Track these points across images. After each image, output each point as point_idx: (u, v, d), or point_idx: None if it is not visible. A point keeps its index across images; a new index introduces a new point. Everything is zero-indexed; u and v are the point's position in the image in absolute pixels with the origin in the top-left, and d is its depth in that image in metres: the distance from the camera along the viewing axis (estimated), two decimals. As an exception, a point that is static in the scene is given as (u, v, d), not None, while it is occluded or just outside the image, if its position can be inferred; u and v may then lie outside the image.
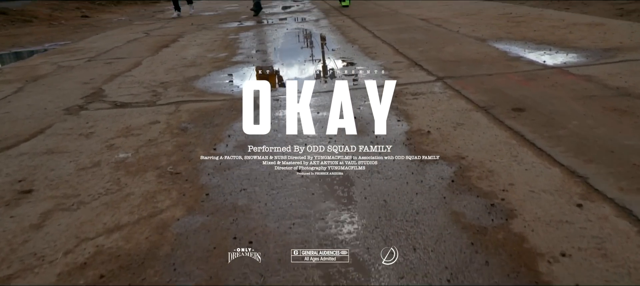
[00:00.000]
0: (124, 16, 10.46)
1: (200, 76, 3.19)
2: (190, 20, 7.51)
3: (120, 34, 6.20)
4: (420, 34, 4.15)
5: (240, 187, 1.47)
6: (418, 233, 1.16)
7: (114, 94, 2.80)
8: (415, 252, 1.09)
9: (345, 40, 4.20)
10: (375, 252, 1.10)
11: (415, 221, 1.21)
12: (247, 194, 1.43)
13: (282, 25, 5.89)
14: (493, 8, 5.65)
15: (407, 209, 1.27)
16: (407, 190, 1.38)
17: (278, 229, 1.22)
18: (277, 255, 1.11)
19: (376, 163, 1.59)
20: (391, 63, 3.11)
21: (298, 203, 1.35)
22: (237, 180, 1.52)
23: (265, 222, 1.26)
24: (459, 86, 2.39)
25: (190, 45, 4.65)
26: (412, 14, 5.70)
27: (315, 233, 1.20)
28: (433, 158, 1.58)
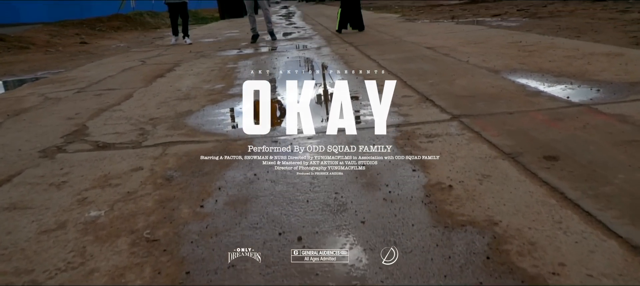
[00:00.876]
0: (123, 43, 10.34)
1: (193, 110, 2.95)
2: (188, 47, 7.35)
3: (115, 62, 6.01)
4: (428, 64, 3.94)
5: (229, 263, 1.21)
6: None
7: (98, 133, 2.56)
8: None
9: (348, 71, 3.99)
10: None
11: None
12: (236, 274, 1.16)
13: (283, 53, 5.70)
14: (501, 36, 5.47)
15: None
16: (433, 271, 1.12)
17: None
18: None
19: (392, 226, 1.33)
20: (400, 98, 2.88)
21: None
22: (225, 251, 1.26)
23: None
24: (479, 127, 2.15)
25: (186, 75, 4.44)
26: (417, 42, 5.52)
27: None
28: (460, 222, 1.33)
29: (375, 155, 1.91)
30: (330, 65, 4.49)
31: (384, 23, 9.40)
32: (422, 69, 3.76)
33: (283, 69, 4.41)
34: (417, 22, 9.16)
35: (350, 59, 4.66)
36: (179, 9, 8.16)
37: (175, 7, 8.18)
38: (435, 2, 20.69)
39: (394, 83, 3.89)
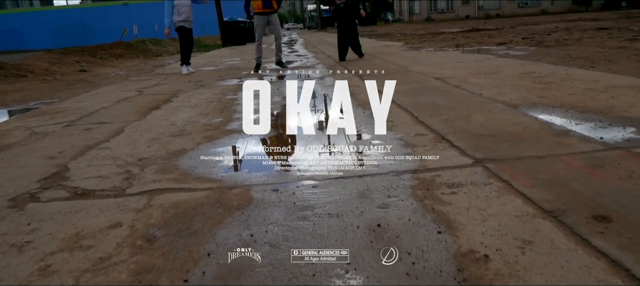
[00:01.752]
0: (122, 71, 10.20)
1: (187, 149, 2.70)
2: (188, 76, 7.16)
3: (112, 92, 5.81)
4: (439, 97, 3.71)
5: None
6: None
7: (79, 176, 2.31)
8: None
9: (354, 104, 3.76)
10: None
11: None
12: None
13: (284, 83, 5.50)
14: (512, 66, 5.26)
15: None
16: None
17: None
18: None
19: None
20: (412, 136, 2.63)
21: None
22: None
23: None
24: (508, 175, 1.88)
25: (182, 107, 4.21)
26: (424, 72, 5.31)
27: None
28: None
29: (391, 209, 1.65)
30: (333, 96, 4.26)
31: (388, 51, 9.26)
32: (434, 102, 3.52)
33: (285, 102, 4.18)
34: (422, 51, 9.01)
35: (355, 91, 4.43)
36: (190, 34, 7.67)
37: (185, 31, 7.59)
38: (437, 30, 20.73)
39: (393, 83, 3.67)
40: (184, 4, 7.35)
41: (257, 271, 1.31)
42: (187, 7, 7.39)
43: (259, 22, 7.10)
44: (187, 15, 7.42)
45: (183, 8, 7.36)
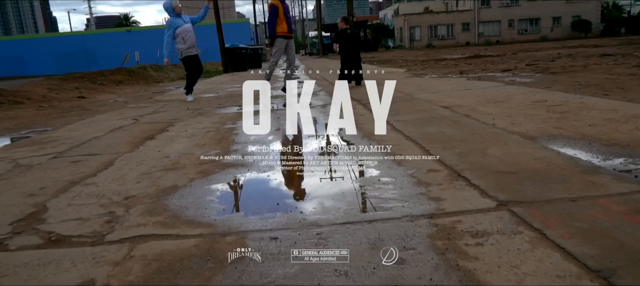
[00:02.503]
0: (121, 97, 10.06)
1: (178, 187, 2.48)
2: (186, 104, 6.99)
3: (107, 120, 5.62)
4: (449, 128, 3.50)
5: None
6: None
7: (56, 218, 2.08)
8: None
9: (360, 135, 3.55)
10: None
11: None
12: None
13: (285, 111, 5.30)
14: (521, 94, 5.07)
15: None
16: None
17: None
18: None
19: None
20: (425, 172, 2.41)
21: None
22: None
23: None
24: (539, 222, 1.65)
25: (178, 137, 4.01)
26: (430, 100, 5.12)
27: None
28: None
29: (409, 266, 1.41)
30: (338, 127, 4.06)
31: (391, 78, 9.10)
32: (444, 134, 3.31)
33: (286, 132, 3.97)
34: (425, 78, 8.87)
35: (360, 120, 4.23)
36: (196, 61, 7.39)
37: (191, 59, 7.32)
38: (438, 57, 20.73)
39: (393, 83, 3.44)
40: (187, 30, 7.18)
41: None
42: (191, 33, 7.22)
43: (281, 44, 7.05)
44: (193, 41, 7.22)
45: (187, 35, 7.14)
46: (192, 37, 7.20)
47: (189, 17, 7.37)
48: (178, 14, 7.12)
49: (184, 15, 7.25)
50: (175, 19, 7.07)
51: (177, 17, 7.10)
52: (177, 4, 7.18)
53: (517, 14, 46.83)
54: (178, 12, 7.13)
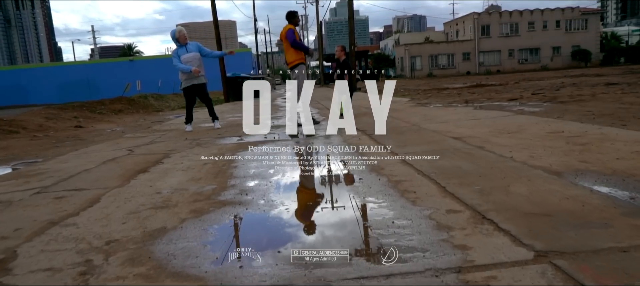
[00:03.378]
0: (119, 126, 9.87)
1: (167, 229, 2.21)
2: (185, 134, 6.77)
3: (101, 151, 5.39)
4: (464, 161, 3.25)
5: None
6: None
7: (24, 268, 1.81)
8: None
9: (368, 169, 3.29)
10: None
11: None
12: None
13: (287, 142, 5.08)
14: (535, 124, 4.84)
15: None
16: None
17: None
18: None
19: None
20: (443, 213, 2.14)
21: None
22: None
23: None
24: (591, 279, 1.38)
25: (173, 171, 3.76)
26: (439, 131, 4.89)
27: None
28: None
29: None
30: (343, 159, 3.81)
31: (394, 107, 8.92)
32: (459, 168, 3.05)
33: (288, 166, 3.72)
34: (430, 107, 8.68)
35: (366, 151, 3.99)
36: (197, 92, 7.22)
37: (192, 90, 7.18)
38: (440, 86, 20.66)
39: (393, 83, 3.17)
40: (188, 60, 7.00)
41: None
42: (193, 62, 7.00)
43: (303, 70, 6.75)
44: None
45: (187, 65, 7.01)
46: (194, 66, 7.03)
47: (197, 45, 7.19)
48: (182, 43, 7.02)
49: (191, 43, 7.13)
50: (179, 48, 7.00)
51: (181, 46, 7.02)
52: (181, 32, 7.06)
53: (517, 43, 47.23)
54: (182, 41, 7.02)
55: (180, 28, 7.15)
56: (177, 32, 7.04)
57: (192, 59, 7.01)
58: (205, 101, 7.39)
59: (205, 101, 7.38)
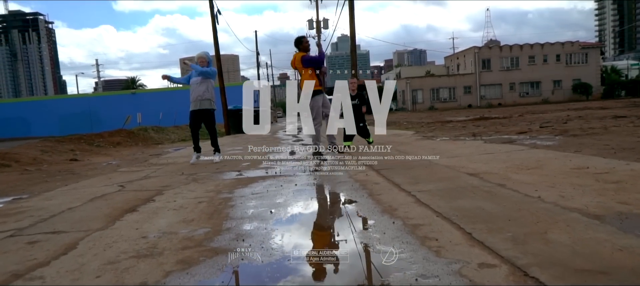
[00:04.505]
0: (116, 160, 9.57)
1: (148, 284, 1.87)
2: (182, 168, 6.46)
3: (91, 186, 5.06)
4: (486, 201, 2.91)
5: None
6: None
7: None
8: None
9: (379, 210, 2.96)
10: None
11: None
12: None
13: (289, 178, 4.75)
14: (554, 159, 4.52)
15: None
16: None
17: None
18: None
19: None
20: (475, 267, 1.81)
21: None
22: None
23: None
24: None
25: (163, 210, 3.42)
26: (452, 166, 4.57)
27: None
28: None
29: None
30: (352, 198, 3.49)
31: (400, 140, 8.64)
32: (483, 209, 2.72)
33: (290, 206, 3.38)
34: (437, 140, 8.39)
35: (375, 190, 3.66)
36: (203, 118, 6.91)
37: (198, 115, 6.85)
38: (443, 119, 20.44)
39: (393, 83, 2.85)
40: (194, 83, 6.78)
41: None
42: (197, 86, 6.75)
43: (319, 102, 6.25)
44: (198, 94, 6.75)
45: (193, 87, 6.79)
46: (198, 90, 6.76)
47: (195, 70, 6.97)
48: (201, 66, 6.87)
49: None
50: (194, 72, 6.85)
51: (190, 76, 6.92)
52: (201, 57, 6.91)
53: (517, 77, 47.42)
54: (200, 64, 6.85)
55: (202, 54, 6.97)
56: (199, 57, 6.91)
57: (198, 82, 6.82)
58: (209, 130, 7.12)
59: (209, 129, 7.11)
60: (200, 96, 6.78)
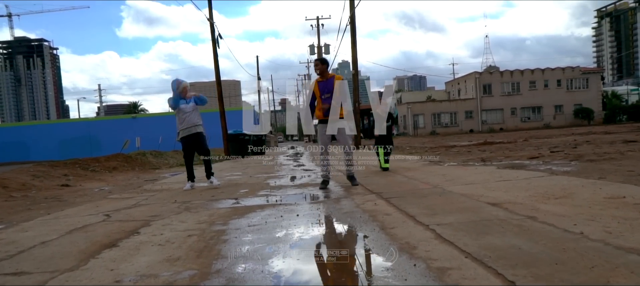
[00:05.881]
0: (109, 185, 9.15)
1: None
2: (175, 194, 6.05)
3: (75, 216, 4.65)
4: (519, 238, 2.50)
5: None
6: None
7: None
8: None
9: (394, 248, 2.54)
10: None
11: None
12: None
13: (290, 207, 4.34)
14: (581, 187, 4.11)
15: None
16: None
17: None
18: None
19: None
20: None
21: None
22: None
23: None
24: None
25: (147, 246, 3.01)
26: (469, 195, 4.16)
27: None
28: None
29: None
30: (362, 232, 3.07)
31: (407, 166, 8.24)
32: (519, 249, 2.30)
33: (291, 242, 2.96)
34: (445, 166, 7.99)
35: (387, 222, 3.25)
36: (195, 141, 6.67)
37: (189, 141, 6.64)
38: (447, 144, 20.06)
39: (393, 83, 2.51)
40: (186, 110, 6.58)
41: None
42: (190, 114, 6.58)
43: (322, 131, 5.84)
44: (191, 121, 6.57)
45: (184, 115, 6.60)
46: (190, 116, 6.60)
47: (194, 98, 6.80)
48: (182, 96, 6.59)
49: (191, 99, 6.72)
50: (178, 99, 6.60)
51: (180, 99, 6.62)
52: (184, 87, 6.63)
53: (519, 102, 47.29)
54: (183, 95, 6.60)
55: (184, 83, 6.69)
56: (179, 86, 6.62)
57: (191, 110, 6.63)
58: (202, 152, 6.84)
59: (202, 151, 6.82)
60: (194, 121, 6.64)
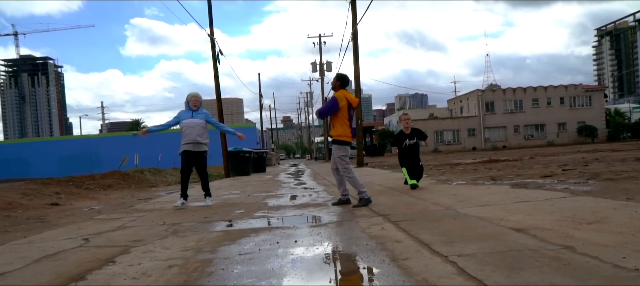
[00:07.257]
0: (100, 204, 8.74)
1: None
2: (166, 215, 5.62)
3: (52, 239, 4.23)
4: (563, 276, 2.07)
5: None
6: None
7: None
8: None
9: (407, 282, 2.11)
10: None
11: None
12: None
13: (288, 232, 3.91)
14: (614, 210, 3.68)
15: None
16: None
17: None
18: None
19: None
20: None
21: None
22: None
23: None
24: None
25: (119, 279, 2.58)
26: (487, 218, 3.73)
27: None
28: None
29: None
30: (368, 265, 2.65)
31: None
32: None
33: (286, 277, 2.53)
34: (453, 185, 7.57)
35: (398, 252, 2.82)
36: (195, 160, 6.41)
37: (189, 156, 6.36)
38: (451, 162, 19.60)
39: None
40: (189, 125, 6.32)
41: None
42: (194, 129, 6.30)
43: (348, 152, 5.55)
44: (192, 137, 6.29)
45: (187, 129, 6.33)
46: (193, 132, 6.30)
47: (206, 114, 6.59)
48: (192, 107, 6.45)
49: (201, 111, 6.51)
50: (185, 112, 6.48)
51: (188, 110, 6.48)
52: (194, 98, 6.50)
53: (522, 120, 46.93)
54: (192, 105, 6.45)
55: (196, 94, 6.60)
56: (191, 96, 6.53)
57: (194, 125, 6.33)
58: (201, 173, 6.58)
59: (201, 172, 6.58)
60: (195, 138, 6.32)
